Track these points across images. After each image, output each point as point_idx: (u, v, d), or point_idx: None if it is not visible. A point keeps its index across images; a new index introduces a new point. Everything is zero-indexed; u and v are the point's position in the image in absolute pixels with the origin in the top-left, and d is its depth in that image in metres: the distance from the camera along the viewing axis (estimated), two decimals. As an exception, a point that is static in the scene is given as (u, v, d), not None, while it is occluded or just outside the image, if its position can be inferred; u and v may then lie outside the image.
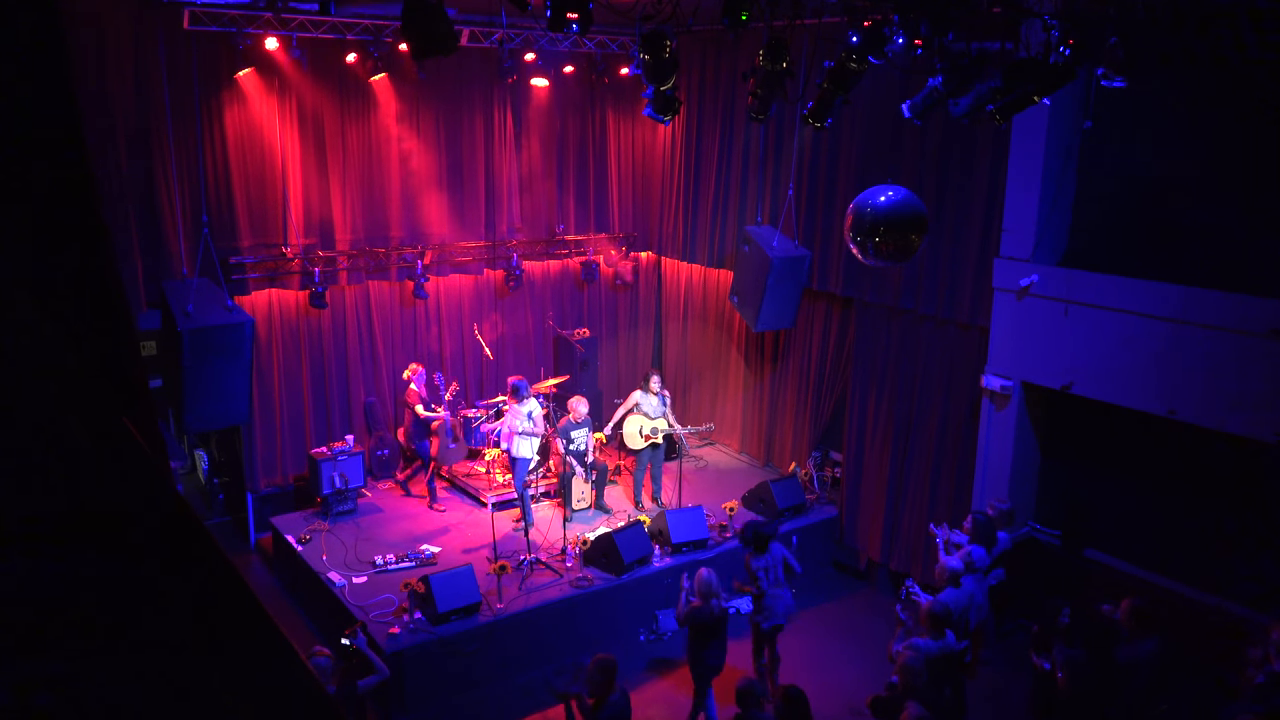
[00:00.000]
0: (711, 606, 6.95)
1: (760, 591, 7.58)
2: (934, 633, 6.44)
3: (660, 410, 10.05)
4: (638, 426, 10.07)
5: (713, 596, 6.96)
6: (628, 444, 10.19)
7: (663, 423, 10.05)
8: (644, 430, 10.05)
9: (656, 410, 10.04)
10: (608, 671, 5.87)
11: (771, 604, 7.60)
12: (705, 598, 6.95)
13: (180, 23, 8.49)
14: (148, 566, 0.88)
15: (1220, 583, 7.43)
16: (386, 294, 10.99)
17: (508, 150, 11.34)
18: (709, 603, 6.95)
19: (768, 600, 7.59)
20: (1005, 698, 7.90)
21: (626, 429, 10.15)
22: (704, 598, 6.96)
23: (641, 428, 10.05)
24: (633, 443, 10.13)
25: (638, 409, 10.09)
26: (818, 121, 7.11)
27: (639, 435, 10.07)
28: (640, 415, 10.06)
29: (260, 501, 10.38)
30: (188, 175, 9.14)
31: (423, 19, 5.43)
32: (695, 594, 7.02)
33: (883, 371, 9.77)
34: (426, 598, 7.84)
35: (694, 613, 6.98)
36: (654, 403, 10.04)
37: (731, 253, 11.26)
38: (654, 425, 10.03)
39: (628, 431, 10.14)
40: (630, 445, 10.16)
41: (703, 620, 6.97)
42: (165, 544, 0.91)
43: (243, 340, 8.37)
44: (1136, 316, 7.43)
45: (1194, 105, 7.37)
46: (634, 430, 10.09)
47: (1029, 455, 8.74)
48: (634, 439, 10.10)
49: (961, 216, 8.73)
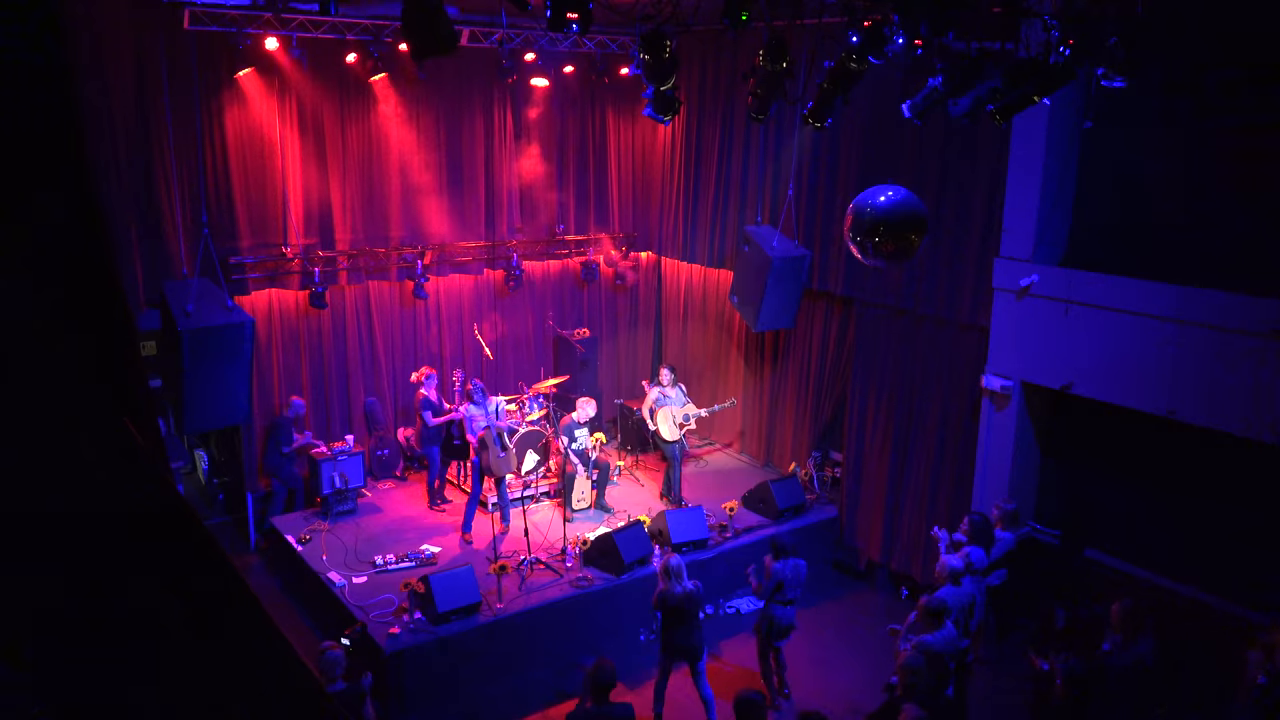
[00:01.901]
0: (673, 589, 7.05)
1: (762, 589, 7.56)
2: (932, 626, 6.45)
3: (683, 400, 10.36)
4: (670, 417, 10.27)
5: (674, 578, 7.07)
6: (665, 437, 10.34)
7: (692, 408, 10.36)
8: (677, 419, 10.27)
9: (680, 400, 10.32)
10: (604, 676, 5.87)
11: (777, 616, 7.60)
12: (667, 579, 7.07)
13: (180, 23, 8.49)
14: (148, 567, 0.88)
15: (1220, 583, 7.42)
16: (386, 294, 10.99)
17: (508, 150, 11.34)
18: (670, 585, 7.05)
19: (775, 612, 7.57)
20: (1005, 698, 7.90)
21: (660, 424, 10.30)
22: (665, 579, 7.08)
23: (675, 417, 10.27)
24: (670, 435, 10.32)
25: (662, 403, 10.28)
26: (818, 121, 7.10)
27: (675, 426, 10.28)
28: (669, 408, 10.27)
29: (260, 501, 10.38)
30: (188, 175, 9.14)
31: (423, 19, 5.42)
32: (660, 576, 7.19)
33: (883, 371, 9.77)
34: (426, 598, 7.84)
35: (659, 595, 7.11)
36: (674, 394, 10.32)
37: (731, 253, 11.26)
38: (685, 412, 10.28)
39: (662, 425, 10.31)
40: (668, 438, 10.33)
41: (666, 603, 7.09)
42: (165, 544, 0.91)
43: (243, 340, 8.36)
44: (1136, 316, 7.43)
45: (1194, 105, 7.36)
46: (668, 422, 10.30)
47: (1029, 455, 8.73)
48: (671, 430, 10.30)
49: (961, 216, 8.73)
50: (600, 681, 5.76)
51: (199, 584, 0.92)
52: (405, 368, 11.18)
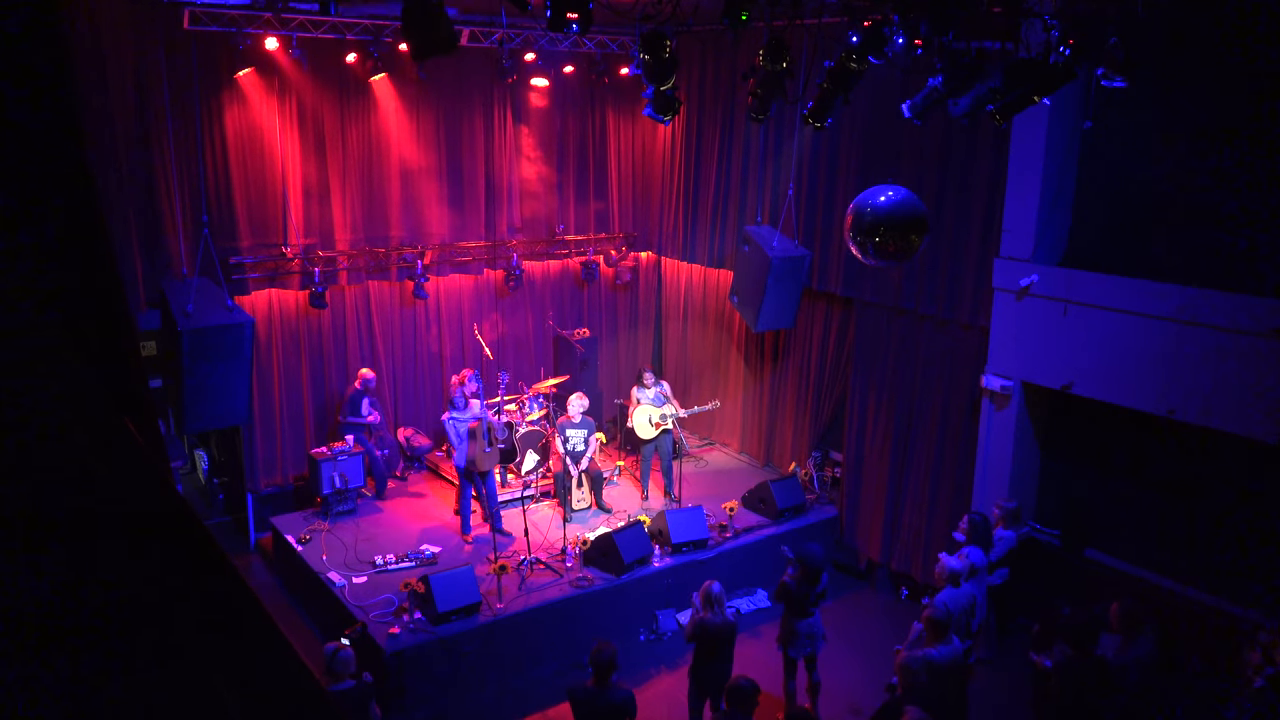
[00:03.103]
0: (710, 618, 6.69)
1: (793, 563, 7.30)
2: (936, 638, 6.41)
3: (661, 400, 10.30)
4: (646, 416, 10.28)
5: (716, 607, 6.71)
6: (639, 434, 10.35)
7: (669, 408, 10.28)
8: (653, 419, 10.25)
9: (658, 400, 10.28)
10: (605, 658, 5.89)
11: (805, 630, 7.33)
12: (709, 607, 6.71)
13: (180, 23, 8.49)
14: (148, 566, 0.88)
15: (1220, 583, 7.42)
16: (386, 294, 10.99)
17: (508, 150, 11.34)
18: (708, 613, 6.69)
19: (800, 627, 7.30)
20: (1005, 698, 7.90)
21: (636, 421, 10.33)
22: (706, 608, 6.72)
23: (650, 416, 10.26)
24: (643, 432, 10.32)
25: (640, 403, 10.30)
26: (818, 121, 7.11)
27: (649, 424, 10.28)
28: (647, 406, 10.26)
29: (260, 501, 10.38)
30: (188, 175, 9.14)
31: (423, 19, 5.43)
32: (699, 605, 6.79)
33: (883, 371, 9.77)
34: (426, 598, 7.84)
35: (696, 624, 6.74)
36: (651, 394, 10.29)
37: (731, 253, 11.26)
38: (661, 412, 10.25)
39: (637, 423, 10.32)
40: (641, 435, 10.33)
41: (703, 633, 6.73)
42: (165, 544, 0.91)
43: (242, 340, 8.36)
44: (1136, 316, 7.43)
45: (1194, 105, 7.37)
46: (643, 420, 10.30)
47: (1029, 455, 8.73)
48: (644, 428, 10.31)
49: (961, 216, 8.73)
50: (600, 663, 5.85)
51: (198, 584, 0.92)
52: (405, 368, 11.18)
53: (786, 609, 7.34)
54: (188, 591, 0.90)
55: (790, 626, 7.33)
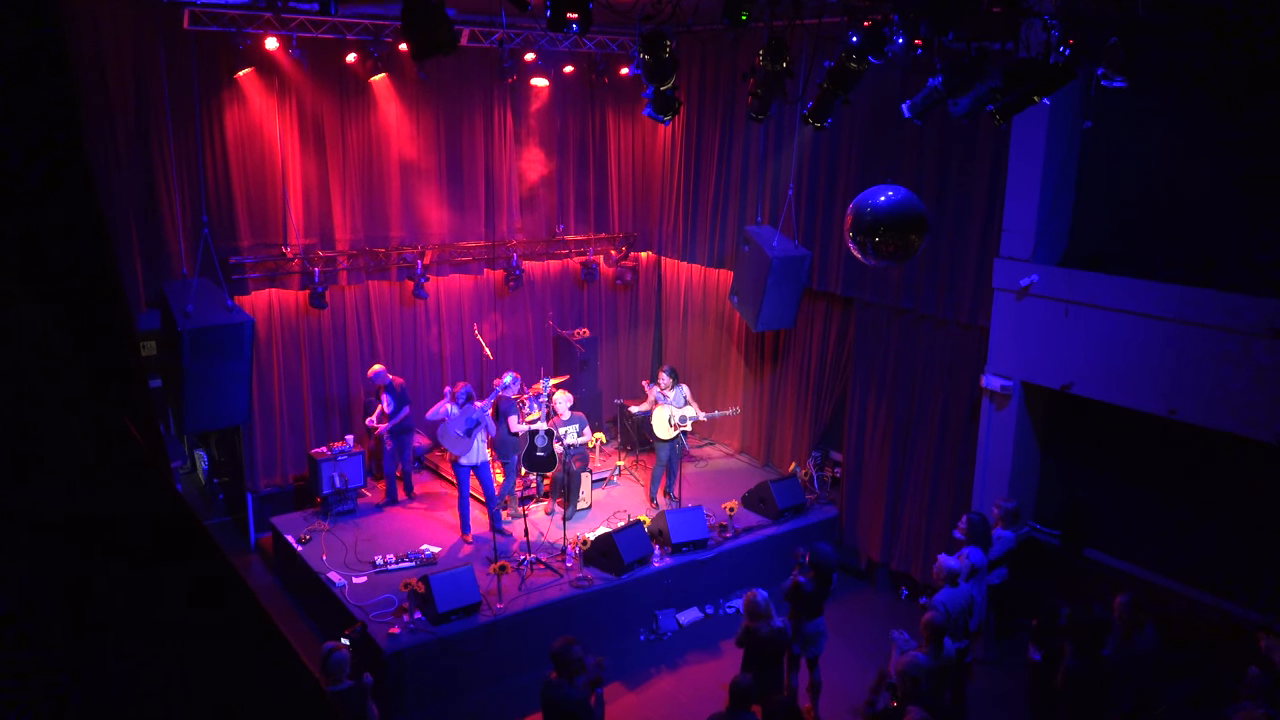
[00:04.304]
0: (760, 628, 6.73)
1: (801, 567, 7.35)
2: (932, 645, 6.42)
3: (683, 401, 10.19)
4: (666, 416, 10.13)
5: (762, 618, 6.74)
6: (657, 433, 10.23)
7: (691, 410, 10.16)
8: (673, 420, 10.10)
9: (680, 401, 10.16)
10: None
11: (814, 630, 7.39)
12: (754, 619, 6.77)
13: (180, 23, 8.49)
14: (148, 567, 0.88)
15: (1220, 583, 7.42)
16: (386, 294, 10.99)
17: (508, 150, 11.34)
18: (757, 624, 6.74)
19: (809, 627, 7.36)
20: (1005, 698, 7.90)
21: (655, 420, 10.21)
22: (752, 618, 6.78)
23: (670, 416, 10.11)
24: (662, 432, 10.17)
25: (661, 403, 10.16)
26: (818, 121, 7.11)
27: (668, 424, 10.13)
28: (666, 407, 10.14)
29: (260, 501, 10.38)
30: (188, 175, 9.14)
31: (423, 19, 5.43)
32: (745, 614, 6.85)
33: (883, 371, 9.77)
34: (426, 598, 7.84)
35: (745, 631, 6.82)
36: (673, 395, 10.16)
37: (731, 253, 11.26)
38: (682, 414, 10.11)
39: (657, 422, 10.20)
40: (660, 435, 10.20)
41: (750, 640, 6.80)
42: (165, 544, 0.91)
43: (243, 340, 8.36)
44: (1136, 316, 7.43)
45: (1194, 105, 7.37)
46: (663, 420, 10.15)
47: (1029, 455, 8.74)
48: (663, 428, 10.15)
49: (961, 216, 8.73)
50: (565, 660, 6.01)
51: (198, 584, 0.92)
52: (405, 368, 11.17)
53: (795, 609, 7.37)
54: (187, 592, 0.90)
55: (800, 627, 7.35)
